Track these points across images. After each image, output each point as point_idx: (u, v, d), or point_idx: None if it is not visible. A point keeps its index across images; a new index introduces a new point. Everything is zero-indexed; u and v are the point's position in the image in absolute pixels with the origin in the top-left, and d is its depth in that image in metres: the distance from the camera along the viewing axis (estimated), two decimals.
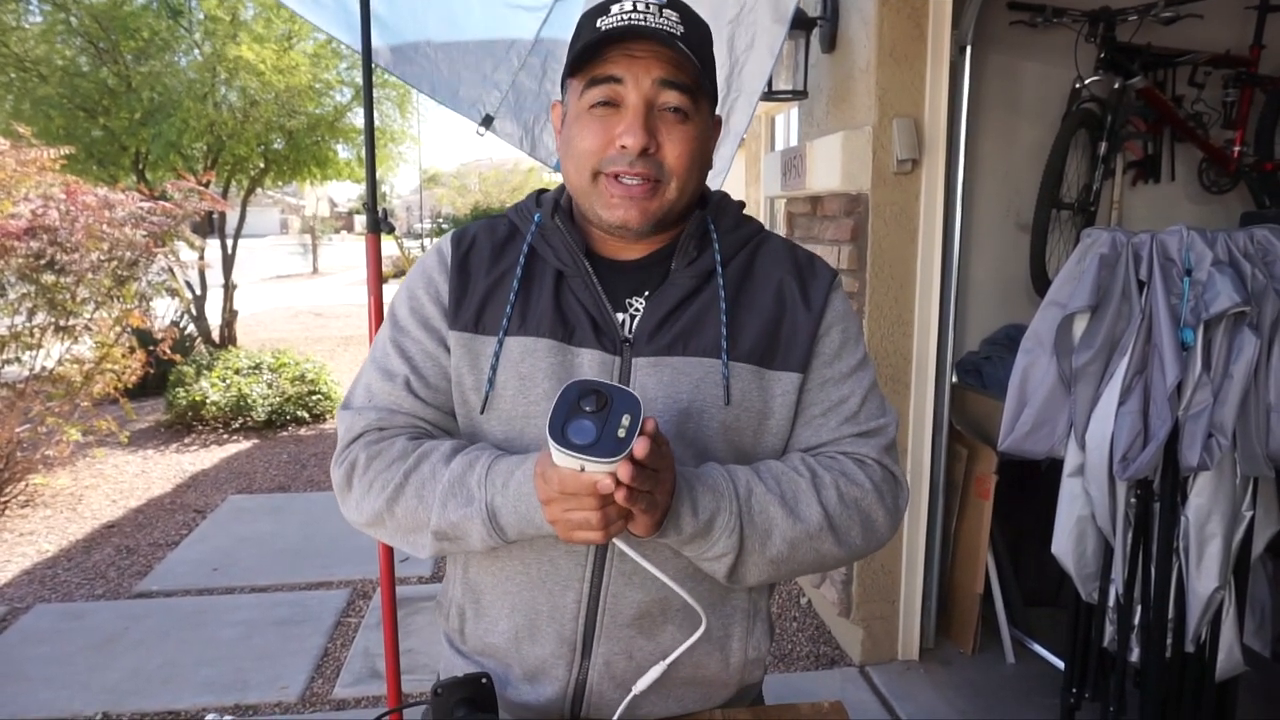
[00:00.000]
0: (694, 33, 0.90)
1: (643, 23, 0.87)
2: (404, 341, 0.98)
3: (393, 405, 0.96)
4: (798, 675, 2.78)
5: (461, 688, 0.91)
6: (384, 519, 0.93)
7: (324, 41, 7.32)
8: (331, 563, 3.62)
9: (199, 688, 2.68)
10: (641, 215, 0.91)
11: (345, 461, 0.96)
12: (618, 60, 0.88)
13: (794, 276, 0.99)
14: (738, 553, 0.87)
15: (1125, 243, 1.97)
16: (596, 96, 0.89)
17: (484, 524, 0.87)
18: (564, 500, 0.77)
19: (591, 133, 0.90)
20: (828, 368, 0.98)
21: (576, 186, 0.94)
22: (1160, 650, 2.04)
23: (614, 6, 0.89)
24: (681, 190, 0.92)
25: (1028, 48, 3.09)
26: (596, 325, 0.93)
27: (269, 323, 11.83)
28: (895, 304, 2.63)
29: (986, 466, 2.70)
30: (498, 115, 2.44)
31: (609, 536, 0.79)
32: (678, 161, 0.90)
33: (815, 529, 0.90)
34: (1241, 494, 2.00)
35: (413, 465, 0.91)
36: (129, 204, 4.58)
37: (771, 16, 2.01)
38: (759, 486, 0.89)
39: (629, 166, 0.89)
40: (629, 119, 0.88)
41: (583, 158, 0.91)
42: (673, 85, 0.88)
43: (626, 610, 0.94)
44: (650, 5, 0.88)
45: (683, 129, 0.90)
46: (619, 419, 0.74)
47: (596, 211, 0.92)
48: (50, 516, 4.28)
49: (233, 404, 5.77)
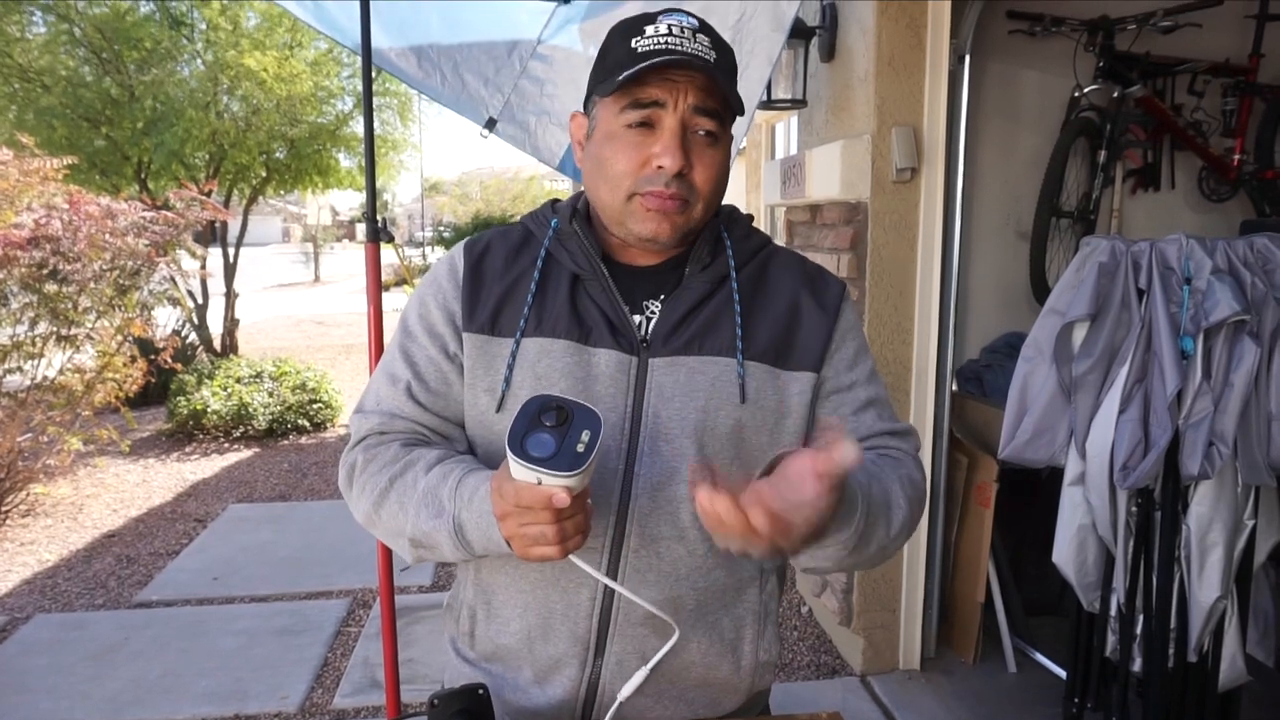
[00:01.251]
0: (724, 59, 0.93)
1: (680, 48, 0.89)
2: (410, 347, 1.00)
3: (394, 410, 0.98)
4: (799, 685, 2.77)
5: (459, 699, 0.90)
6: (373, 520, 0.96)
7: (326, 49, 7.36)
8: (332, 572, 3.62)
9: (199, 698, 2.68)
10: (672, 229, 0.93)
11: (347, 463, 0.99)
12: (658, 84, 0.90)
13: (805, 285, 1.02)
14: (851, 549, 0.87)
15: (1125, 251, 1.98)
16: (635, 118, 0.91)
17: (450, 537, 0.88)
18: (520, 514, 0.77)
19: (626, 156, 0.92)
20: (851, 370, 1.01)
21: (609, 204, 0.95)
22: (1162, 660, 2.04)
23: (648, 27, 0.91)
24: (707, 209, 0.96)
25: (1027, 57, 3.10)
26: (613, 326, 0.95)
27: (270, 331, 11.84)
28: (895, 312, 2.63)
29: (987, 475, 2.69)
30: (500, 117, 2.45)
31: (565, 553, 0.80)
32: (706, 184, 0.93)
33: (901, 512, 0.93)
34: (1243, 503, 2.00)
35: (399, 471, 0.93)
36: (131, 213, 4.59)
37: (770, 25, 2.02)
38: (875, 486, 0.91)
39: (664, 187, 0.91)
40: (666, 140, 0.90)
41: (619, 178, 0.93)
42: (705, 112, 0.91)
43: (640, 608, 0.95)
44: (685, 30, 0.91)
45: (712, 153, 0.93)
46: (579, 434, 0.75)
47: (628, 227, 0.95)
48: (51, 526, 4.28)
49: (234, 413, 5.77)
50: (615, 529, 0.93)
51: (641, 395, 0.94)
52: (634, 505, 0.93)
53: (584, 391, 0.94)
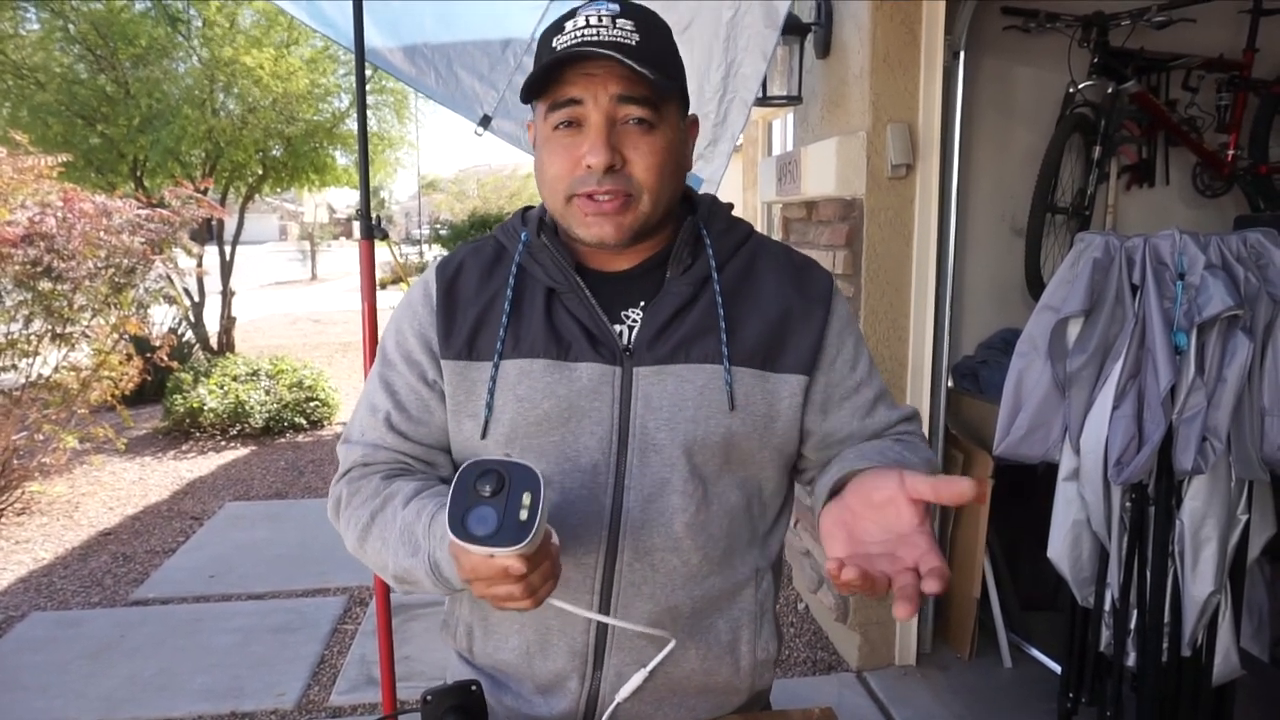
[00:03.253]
0: (651, 40, 0.89)
1: (596, 38, 0.86)
2: (390, 376, 0.98)
3: (376, 440, 0.97)
4: (795, 681, 2.77)
5: (451, 695, 0.90)
6: (361, 554, 0.95)
7: (322, 47, 7.34)
8: (328, 570, 3.62)
9: (195, 695, 2.68)
10: (617, 230, 0.90)
11: (333, 496, 0.99)
12: (575, 80, 0.87)
13: (791, 279, 0.99)
14: None
15: (1119, 247, 1.98)
16: (559, 119, 0.88)
17: (428, 575, 0.87)
18: (482, 582, 0.76)
19: (558, 157, 0.89)
20: (853, 372, 1.00)
21: (553, 209, 0.94)
22: (1157, 654, 2.04)
23: (568, 23, 0.88)
24: (656, 201, 0.91)
25: (1021, 53, 3.10)
26: (593, 338, 0.93)
27: (267, 329, 11.83)
28: (890, 309, 2.64)
29: (982, 471, 2.69)
30: (495, 115, 2.44)
31: (538, 603, 0.78)
32: (647, 174, 0.89)
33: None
34: (1236, 497, 2.00)
35: (379, 506, 0.92)
36: (126, 211, 4.58)
37: (764, 22, 2.02)
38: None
39: (598, 185, 0.88)
40: (591, 137, 0.87)
41: (554, 183, 0.91)
42: (632, 100, 0.87)
43: (637, 620, 0.94)
44: (603, 18, 0.87)
45: (649, 140, 0.89)
46: (519, 498, 0.72)
47: (574, 231, 0.92)
48: (46, 524, 4.27)
49: (230, 411, 5.77)
50: (608, 542, 0.92)
51: (628, 406, 0.92)
52: (626, 518, 0.92)
53: (568, 407, 0.92)
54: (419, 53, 2.36)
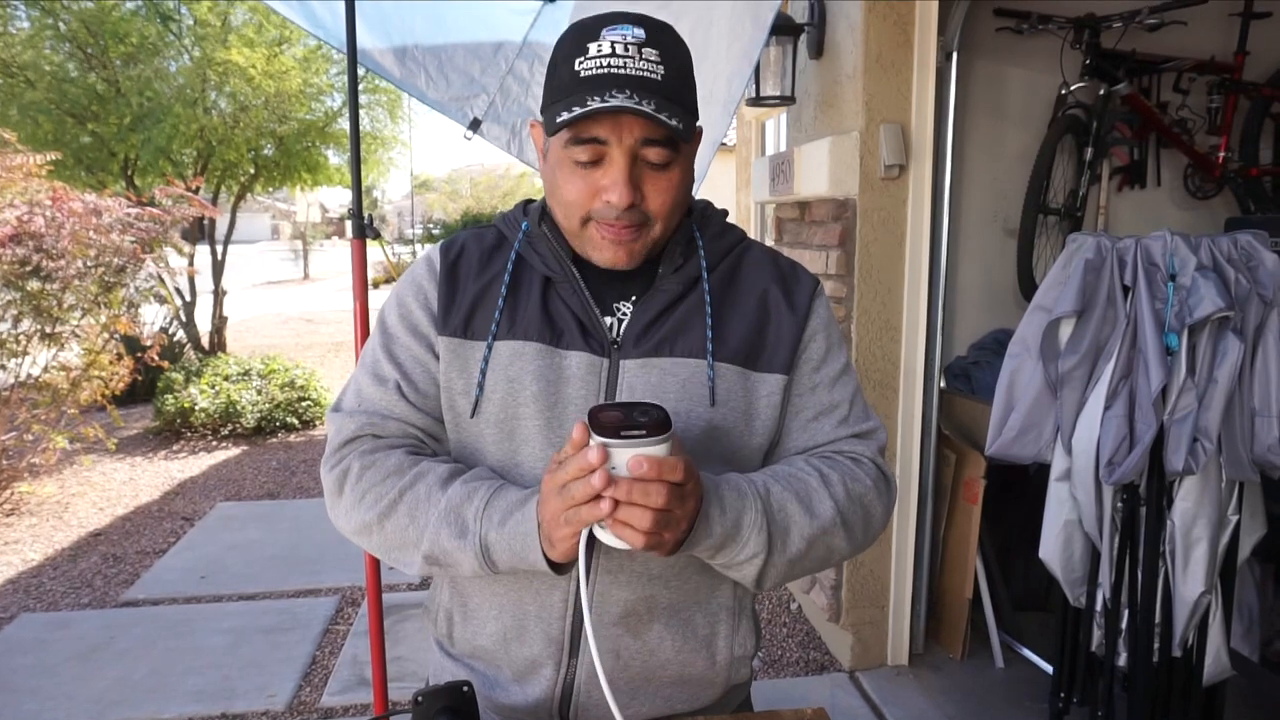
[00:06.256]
0: (675, 72, 0.89)
1: (624, 70, 0.85)
2: (394, 348, 0.99)
3: (384, 410, 0.97)
4: (787, 681, 2.77)
5: (443, 696, 0.90)
6: (373, 531, 0.93)
7: (315, 46, 7.30)
8: (320, 570, 3.61)
9: (186, 697, 2.66)
10: (630, 256, 0.93)
11: (338, 467, 0.96)
12: (602, 120, 0.86)
13: (778, 283, 1.01)
14: (766, 553, 0.88)
15: (1110, 248, 1.99)
16: (580, 155, 0.89)
17: (476, 557, 0.88)
18: (569, 490, 0.77)
19: (576, 184, 0.90)
20: (816, 373, 1.00)
21: (565, 226, 0.95)
22: (1148, 654, 2.05)
23: (591, 45, 0.87)
24: (666, 229, 0.94)
25: (1013, 54, 3.11)
26: (584, 328, 0.95)
27: (259, 329, 11.79)
28: (883, 309, 2.64)
29: (975, 471, 2.70)
30: (485, 118, 2.44)
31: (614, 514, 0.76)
32: (662, 207, 0.92)
33: (828, 524, 0.92)
34: (1227, 498, 2.01)
35: (409, 483, 0.92)
36: (117, 210, 4.56)
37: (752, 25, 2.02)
38: (775, 485, 0.91)
39: (616, 219, 0.90)
40: (614, 176, 0.88)
41: (570, 206, 0.92)
42: (655, 142, 0.88)
43: (613, 609, 0.95)
44: (629, 46, 0.86)
45: (667, 176, 0.91)
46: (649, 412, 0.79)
47: (586, 252, 0.94)
48: (36, 525, 4.24)
49: (222, 411, 5.74)
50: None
51: (613, 397, 0.94)
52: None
53: (555, 394, 0.93)
54: (409, 54, 2.36)
